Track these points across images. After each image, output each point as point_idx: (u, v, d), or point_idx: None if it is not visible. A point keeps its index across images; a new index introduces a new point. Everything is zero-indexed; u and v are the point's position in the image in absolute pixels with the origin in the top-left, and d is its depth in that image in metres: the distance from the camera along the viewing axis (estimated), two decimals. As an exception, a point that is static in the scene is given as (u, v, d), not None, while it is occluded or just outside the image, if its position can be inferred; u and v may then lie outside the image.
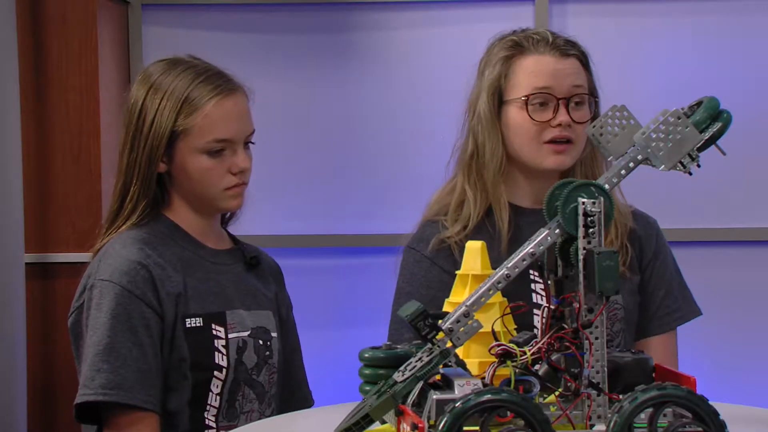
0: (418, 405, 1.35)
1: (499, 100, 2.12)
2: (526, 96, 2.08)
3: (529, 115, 2.08)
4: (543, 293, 2.06)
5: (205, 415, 1.98)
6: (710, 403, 1.30)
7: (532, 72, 2.10)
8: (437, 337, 1.34)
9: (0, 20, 2.76)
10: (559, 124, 2.07)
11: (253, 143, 2.08)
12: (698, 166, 1.46)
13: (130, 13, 3.26)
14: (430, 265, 2.13)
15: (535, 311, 2.04)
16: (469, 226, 2.12)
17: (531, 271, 2.07)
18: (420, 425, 1.27)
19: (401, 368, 1.35)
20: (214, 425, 1.98)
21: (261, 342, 2.06)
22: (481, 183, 2.13)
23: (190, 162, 2.00)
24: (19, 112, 2.86)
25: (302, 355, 2.24)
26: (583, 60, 2.14)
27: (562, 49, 2.11)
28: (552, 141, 2.08)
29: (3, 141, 2.76)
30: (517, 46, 2.13)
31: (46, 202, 3.05)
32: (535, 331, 2.01)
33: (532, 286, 2.07)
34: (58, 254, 3.04)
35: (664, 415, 1.30)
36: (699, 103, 1.47)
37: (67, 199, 3.05)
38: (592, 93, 2.14)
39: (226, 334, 2.00)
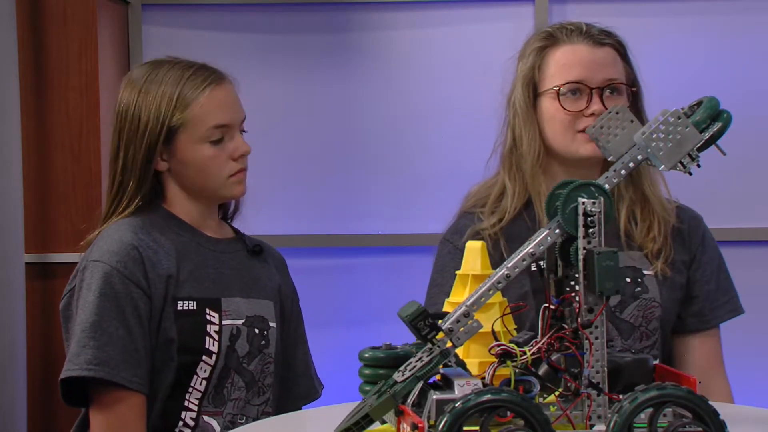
0: (418, 405, 1.35)
1: (534, 91, 2.11)
2: (558, 86, 2.07)
3: (562, 106, 2.06)
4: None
5: (186, 397, 1.99)
6: (710, 403, 1.30)
7: (565, 62, 2.08)
8: (437, 337, 1.34)
9: (0, 20, 2.76)
10: (593, 114, 2.04)
11: (245, 131, 2.10)
12: (698, 166, 1.46)
13: (130, 13, 3.26)
14: (462, 257, 2.13)
15: None
16: (505, 219, 2.11)
17: None
18: (420, 425, 1.27)
19: (401, 368, 1.35)
20: (195, 408, 1.99)
21: (257, 331, 2.07)
22: (521, 176, 2.12)
23: (193, 153, 2.03)
24: (19, 112, 2.86)
25: (308, 347, 2.24)
26: (620, 50, 2.12)
27: (597, 38, 2.10)
28: (585, 130, 2.07)
29: (3, 141, 2.76)
30: (550, 37, 2.12)
31: (46, 202, 3.05)
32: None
33: None
34: (58, 254, 3.04)
35: (664, 415, 1.30)
36: (699, 103, 1.47)
37: (67, 199, 3.05)
38: (632, 83, 2.12)
39: (220, 320, 2.02)
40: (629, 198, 2.12)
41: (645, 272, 2.09)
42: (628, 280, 2.07)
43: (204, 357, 1.99)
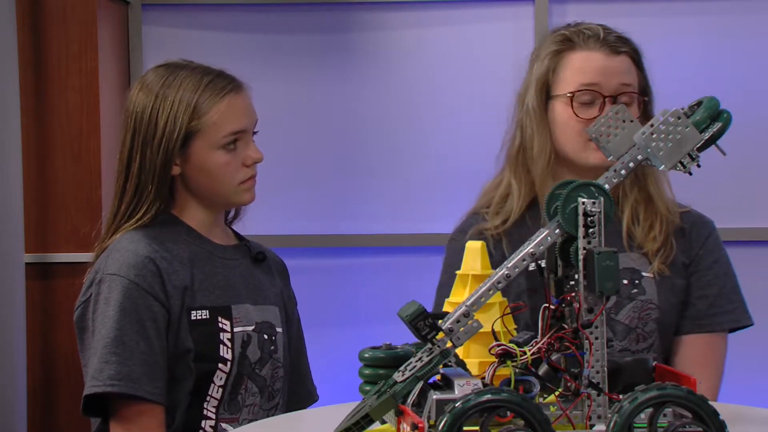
0: (418, 405, 1.35)
1: (546, 94, 2.10)
2: (571, 92, 2.06)
3: (574, 112, 2.06)
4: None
5: (205, 406, 2.01)
6: (710, 403, 1.30)
7: (580, 68, 2.07)
8: (437, 337, 1.34)
9: (0, 20, 2.76)
10: None
11: (256, 131, 2.12)
12: (698, 166, 1.46)
13: (130, 13, 3.26)
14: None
15: None
16: (509, 220, 2.11)
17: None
18: (420, 425, 1.27)
19: (401, 368, 1.35)
20: (213, 416, 2.02)
21: (266, 337, 2.09)
22: (528, 177, 2.12)
23: (208, 159, 2.04)
24: (19, 112, 2.86)
25: (306, 351, 2.27)
26: (635, 57, 2.11)
27: (613, 45, 2.08)
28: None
29: (3, 141, 2.76)
30: (567, 41, 2.11)
31: (46, 202, 3.04)
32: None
33: None
34: (58, 254, 3.04)
35: (664, 415, 1.30)
36: (699, 103, 1.47)
37: (67, 199, 3.05)
38: (643, 91, 2.11)
39: (232, 327, 2.04)
40: (634, 198, 2.11)
41: (644, 274, 2.08)
42: (626, 281, 2.07)
43: (219, 365, 2.01)
